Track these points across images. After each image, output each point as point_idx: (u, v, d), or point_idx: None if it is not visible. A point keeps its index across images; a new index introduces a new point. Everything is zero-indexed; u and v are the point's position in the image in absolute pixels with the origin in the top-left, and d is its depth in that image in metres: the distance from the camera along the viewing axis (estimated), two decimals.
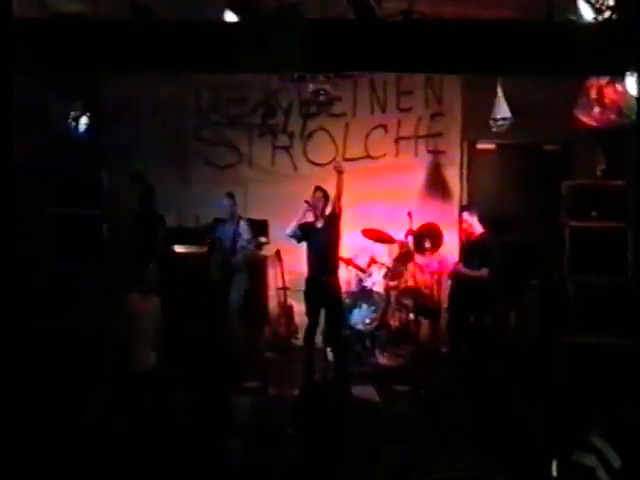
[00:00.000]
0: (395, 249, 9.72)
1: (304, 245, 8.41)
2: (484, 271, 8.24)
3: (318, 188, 8.32)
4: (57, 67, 6.49)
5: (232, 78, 9.73)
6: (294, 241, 8.64)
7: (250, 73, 8.72)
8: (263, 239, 9.23)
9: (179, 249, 9.36)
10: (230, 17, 6.31)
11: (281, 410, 6.12)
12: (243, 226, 8.87)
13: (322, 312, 8.44)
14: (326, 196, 8.26)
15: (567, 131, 8.61)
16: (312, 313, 8.35)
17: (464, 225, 8.63)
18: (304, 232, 8.28)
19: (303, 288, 8.47)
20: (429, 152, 10.18)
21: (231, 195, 8.98)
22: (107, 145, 9.09)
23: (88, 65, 6.46)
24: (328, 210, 8.26)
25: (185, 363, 7.54)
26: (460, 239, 9.51)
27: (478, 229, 8.48)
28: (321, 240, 8.23)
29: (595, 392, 6.47)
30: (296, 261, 9.10)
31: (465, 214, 8.61)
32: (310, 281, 8.32)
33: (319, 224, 8.29)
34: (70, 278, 7.36)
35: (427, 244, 9.33)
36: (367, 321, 9.14)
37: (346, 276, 9.36)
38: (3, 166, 5.38)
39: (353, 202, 9.01)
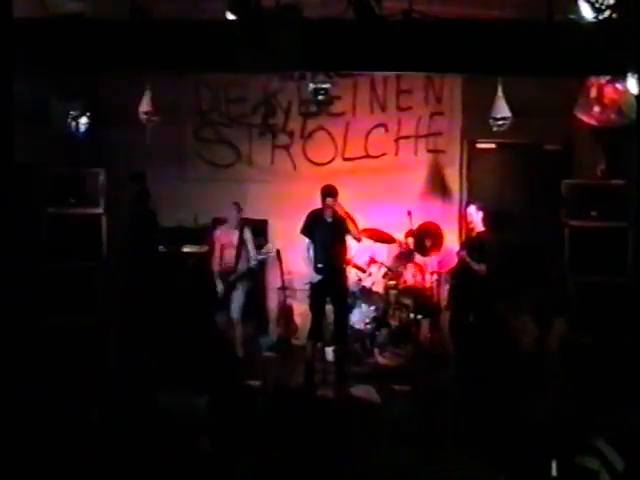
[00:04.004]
0: (395, 249, 9.72)
1: (303, 245, 8.43)
2: (482, 266, 8.25)
3: (330, 194, 8.30)
4: (57, 67, 6.49)
5: (232, 77, 9.74)
6: (294, 241, 8.69)
7: (250, 72, 8.72)
8: (270, 247, 9.19)
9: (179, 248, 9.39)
10: (230, 17, 6.31)
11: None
12: (249, 236, 8.93)
13: (325, 310, 8.49)
14: (335, 194, 8.26)
15: (567, 130, 8.62)
16: (317, 308, 8.38)
17: (468, 219, 8.64)
18: (313, 224, 8.33)
19: (311, 280, 8.48)
20: (429, 151, 10.18)
21: (236, 205, 9.01)
22: (107, 145, 9.09)
23: (88, 65, 6.46)
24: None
25: (185, 363, 7.54)
26: (460, 234, 9.54)
27: (479, 226, 8.49)
28: (329, 232, 8.28)
29: (595, 392, 6.47)
30: (296, 261, 9.11)
31: (471, 209, 8.61)
32: (318, 272, 8.34)
33: (329, 218, 8.33)
34: (70, 278, 7.35)
35: (428, 243, 9.37)
36: (367, 321, 9.13)
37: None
38: (3, 166, 5.38)
39: (352, 202, 9.01)
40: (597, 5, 5.95)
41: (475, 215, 8.48)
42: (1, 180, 5.38)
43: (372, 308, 9.18)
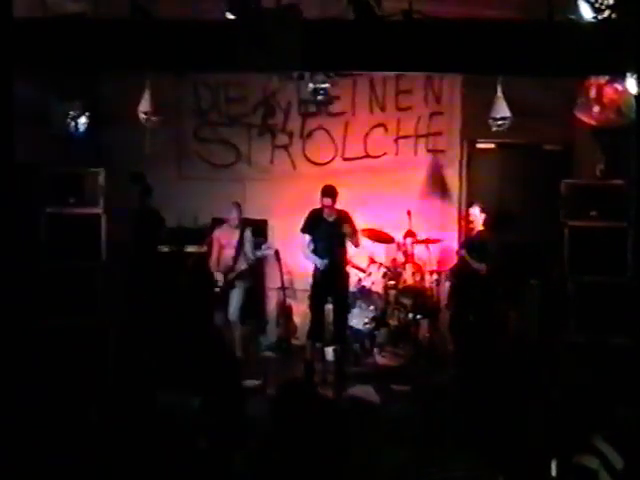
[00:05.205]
0: (394, 249, 9.73)
1: (304, 241, 8.44)
2: (483, 265, 8.25)
3: (326, 194, 8.29)
4: (57, 67, 6.49)
5: (231, 77, 9.74)
6: (293, 241, 8.71)
7: (249, 72, 8.72)
8: (268, 251, 9.20)
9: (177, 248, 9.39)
10: (230, 17, 6.31)
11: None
12: (248, 236, 8.94)
13: (326, 309, 8.50)
14: (333, 194, 8.27)
15: (567, 130, 8.62)
16: (316, 307, 8.39)
17: (470, 218, 8.63)
18: (314, 224, 8.35)
19: (310, 280, 8.49)
20: (429, 151, 10.18)
21: (238, 204, 9.02)
22: (107, 145, 9.10)
23: (88, 65, 6.46)
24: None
25: (184, 363, 7.54)
26: (460, 234, 9.55)
27: (479, 226, 8.50)
28: (330, 232, 8.28)
29: (595, 392, 6.47)
30: (295, 261, 9.12)
31: (474, 209, 8.60)
32: (318, 270, 8.35)
33: (330, 218, 8.34)
34: (70, 278, 7.35)
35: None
36: (366, 321, 9.13)
37: None
38: (3, 166, 5.38)
39: (352, 202, 9.02)
40: (597, 5, 5.95)
41: (478, 216, 8.49)
42: (1, 180, 5.38)
43: (371, 308, 9.19)
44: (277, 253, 9.20)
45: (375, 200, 9.70)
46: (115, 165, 8.32)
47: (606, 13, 5.98)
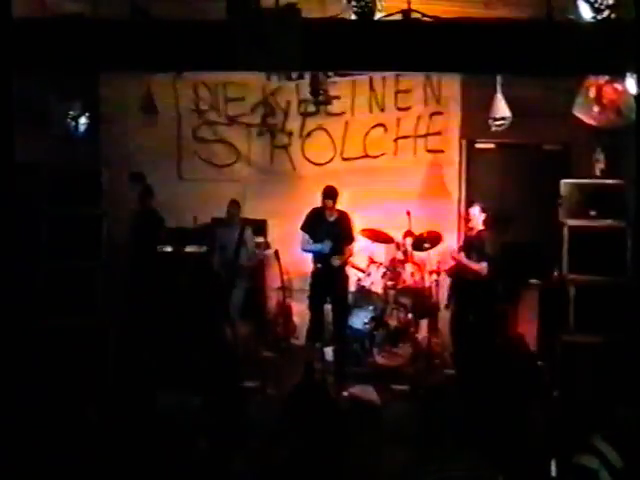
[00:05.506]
0: (393, 249, 9.72)
1: (302, 240, 8.44)
2: (483, 265, 8.26)
3: (328, 195, 8.28)
4: (57, 67, 6.48)
5: (231, 77, 9.74)
6: (293, 241, 8.70)
7: (249, 72, 8.72)
8: (268, 251, 9.23)
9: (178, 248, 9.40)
10: (230, 17, 6.30)
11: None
12: (249, 236, 8.96)
13: (325, 309, 8.50)
14: (334, 196, 8.27)
15: (567, 130, 8.61)
16: (316, 308, 8.39)
17: (470, 218, 8.64)
18: (314, 222, 8.35)
19: (309, 280, 8.49)
20: (428, 151, 10.17)
21: (236, 202, 9.03)
22: (107, 145, 9.09)
23: (88, 65, 6.45)
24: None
25: (184, 363, 7.55)
26: (459, 234, 9.54)
27: (479, 226, 8.50)
28: (330, 232, 8.28)
29: (595, 392, 6.48)
30: (295, 261, 9.12)
31: (474, 210, 8.60)
32: (317, 270, 8.35)
33: (331, 218, 8.33)
34: (70, 278, 7.35)
35: (426, 245, 9.39)
36: (365, 321, 9.13)
37: None
38: (3, 166, 5.38)
39: (351, 202, 9.03)
40: (596, 5, 5.95)
41: (478, 216, 8.49)
42: (1, 180, 5.38)
43: (371, 308, 9.18)
44: (277, 253, 9.20)
45: (374, 200, 9.71)
46: (115, 165, 8.32)
47: (606, 13, 5.97)
